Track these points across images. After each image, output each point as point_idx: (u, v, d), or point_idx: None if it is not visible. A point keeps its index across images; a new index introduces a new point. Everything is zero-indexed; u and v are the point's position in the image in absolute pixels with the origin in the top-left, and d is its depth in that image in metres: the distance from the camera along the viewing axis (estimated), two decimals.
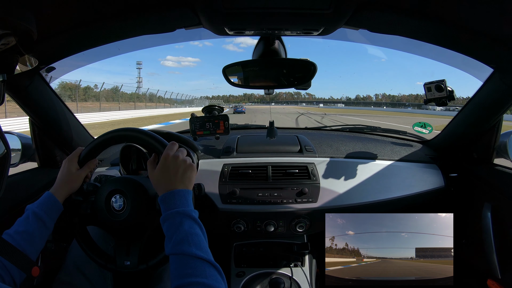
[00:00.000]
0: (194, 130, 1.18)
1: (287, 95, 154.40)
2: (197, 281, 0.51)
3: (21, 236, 0.66)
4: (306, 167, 1.16)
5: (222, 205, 1.12)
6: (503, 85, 0.93)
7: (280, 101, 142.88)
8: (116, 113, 21.37)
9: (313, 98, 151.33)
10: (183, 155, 0.70)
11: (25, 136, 1.15)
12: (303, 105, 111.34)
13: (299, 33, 0.84)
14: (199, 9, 0.72)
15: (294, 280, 1.15)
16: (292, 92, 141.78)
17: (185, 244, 0.57)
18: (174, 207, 0.62)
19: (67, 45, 0.85)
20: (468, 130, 1.17)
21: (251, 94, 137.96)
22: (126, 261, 0.77)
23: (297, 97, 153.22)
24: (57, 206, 0.73)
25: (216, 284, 0.52)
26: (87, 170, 0.81)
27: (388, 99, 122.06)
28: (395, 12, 0.72)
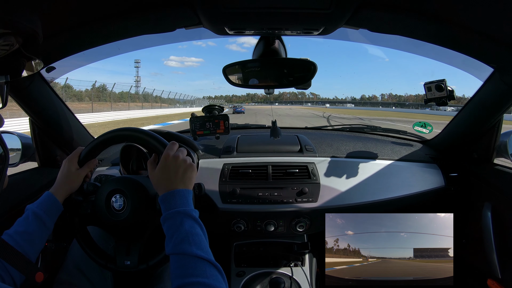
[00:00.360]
0: (194, 130, 1.18)
1: (291, 95, 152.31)
2: (197, 281, 0.51)
3: (20, 236, 0.66)
4: (306, 167, 1.16)
5: (222, 205, 1.12)
6: (503, 85, 0.93)
7: (284, 101, 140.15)
8: (94, 115, 17.61)
9: (318, 98, 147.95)
10: (183, 155, 0.70)
11: (25, 136, 1.15)
12: (308, 105, 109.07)
13: (299, 32, 0.84)
14: (199, 9, 0.72)
15: (294, 280, 1.15)
16: (296, 92, 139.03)
17: (186, 244, 0.56)
18: (174, 207, 0.62)
19: (67, 45, 0.85)
20: (468, 130, 1.17)
21: (254, 94, 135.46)
22: (126, 261, 0.77)
23: (301, 97, 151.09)
24: (57, 206, 0.73)
25: (217, 284, 0.52)
26: (87, 169, 0.81)
27: (394, 99, 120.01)
28: (395, 11, 0.72)
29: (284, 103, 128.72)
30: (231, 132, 1.30)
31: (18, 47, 0.46)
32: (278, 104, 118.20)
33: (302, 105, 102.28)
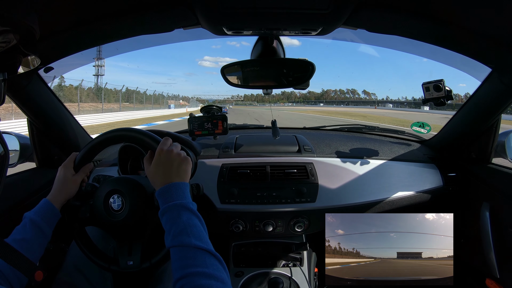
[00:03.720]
0: (193, 130, 1.18)
1: (336, 93, 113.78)
2: (197, 271, 0.51)
3: (19, 244, 0.65)
4: (304, 167, 1.16)
5: (221, 205, 1.12)
6: (501, 84, 0.93)
7: (330, 100, 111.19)
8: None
9: (370, 99, 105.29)
10: (177, 149, 0.70)
11: (23, 136, 1.15)
12: (367, 106, 72.67)
13: (297, 33, 0.84)
14: (198, 9, 0.72)
15: (293, 280, 1.15)
16: (344, 90, 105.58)
17: (184, 235, 0.56)
18: (171, 200, 0.62)
19: (65, 45, 0.85)
20: (467, 130, 1.17)
21: (291, 92, 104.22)
22: (129, 261, 0.77)
23: (349, 96, 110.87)
24: (55, 213, 0.73)
25: (218, 273, 0.52)
26: (83, 175, 0.80)
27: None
28: (393, 12, 0.72)
29: (331, 104, 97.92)
30: (230, 132, 1.30)
31: (15, 44, 0.45)
32: (323, 104, 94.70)
33: (347, 106, 72.87)
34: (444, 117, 13.05)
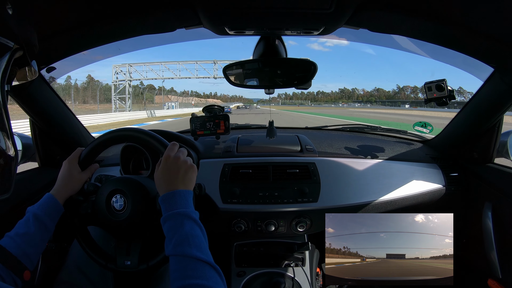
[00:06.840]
0: (195, 130, 1.18)
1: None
2: (197, 283, 0.51)
3: (21, 238, 0.66)
4: (306, 167, 1.15)
5: (223, 205, 1.12)
6: (503, 84, 0.93)
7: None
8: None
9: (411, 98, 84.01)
10: (184, 156, 0.70)
11: (26, 136, 1.15)
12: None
13: (299, 32, 0.84)
14: (199, 9, 0.72)
15: (294, 280, 1.15)
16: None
17: (186, 245, 0.57)
18: (174, 208, 0.62)
19: (68, 45, 0.86)
20: (469, 130, 1.17)
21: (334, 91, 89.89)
22: (126, 261, 0.77)
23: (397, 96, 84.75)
24: (58, 208, 0.73)
25: (216, 286, 0.52)
26: (89, 174, 0.81)
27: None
28: (395, 11, 0.72)
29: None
30: (232, 132, 1.30)
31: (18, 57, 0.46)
32: (370, 105, 79.03)
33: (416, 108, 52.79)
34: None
